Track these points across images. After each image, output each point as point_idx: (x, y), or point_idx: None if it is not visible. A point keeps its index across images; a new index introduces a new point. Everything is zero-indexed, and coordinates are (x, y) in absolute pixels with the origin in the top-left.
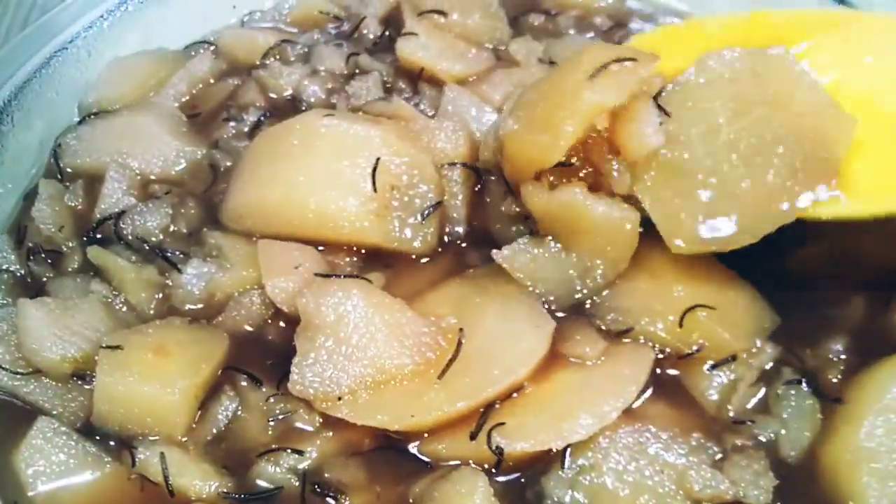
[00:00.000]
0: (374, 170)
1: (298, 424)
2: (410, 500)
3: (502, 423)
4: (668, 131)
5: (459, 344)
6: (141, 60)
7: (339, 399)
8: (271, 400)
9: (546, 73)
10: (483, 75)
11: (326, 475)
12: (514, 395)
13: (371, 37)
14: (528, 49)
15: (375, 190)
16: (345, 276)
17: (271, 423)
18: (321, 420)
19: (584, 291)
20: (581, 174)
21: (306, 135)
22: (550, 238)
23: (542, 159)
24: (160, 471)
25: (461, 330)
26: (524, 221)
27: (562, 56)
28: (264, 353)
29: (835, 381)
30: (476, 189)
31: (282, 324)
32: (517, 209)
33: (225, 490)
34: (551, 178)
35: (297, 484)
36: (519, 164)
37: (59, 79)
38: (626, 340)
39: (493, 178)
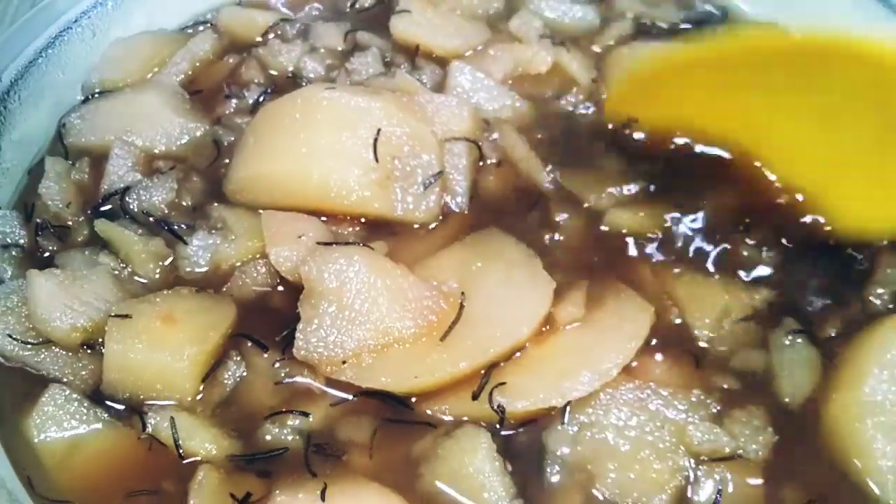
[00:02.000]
0: (376, 140)
1: (304, 387)
2: (413, 458)
3: (503, 383)
4: None
5: (461, 307)
6: (143, 40)
7: (344, 363)
8: (276, 364)
9: (548, 49)
10: (481, 50)
11: (330, 436)
12: (517, 354)
13: (367, 5)
14: (529, 24)
15: (377, 160)
16: (347, 245)
17: (277, 387)
18: (326, 382)
19: None
20: None
21: (307, 107)
22: None
23: None
24: (170, 435)
25: (462, 293)
26: None
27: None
28: (269, 321)
29: (836, 334)
30: (478, 162)
31: (286, 292)
32: None
33: (233, 452)
34: None
35: (301, 444)
36: None
37: (65, 59)
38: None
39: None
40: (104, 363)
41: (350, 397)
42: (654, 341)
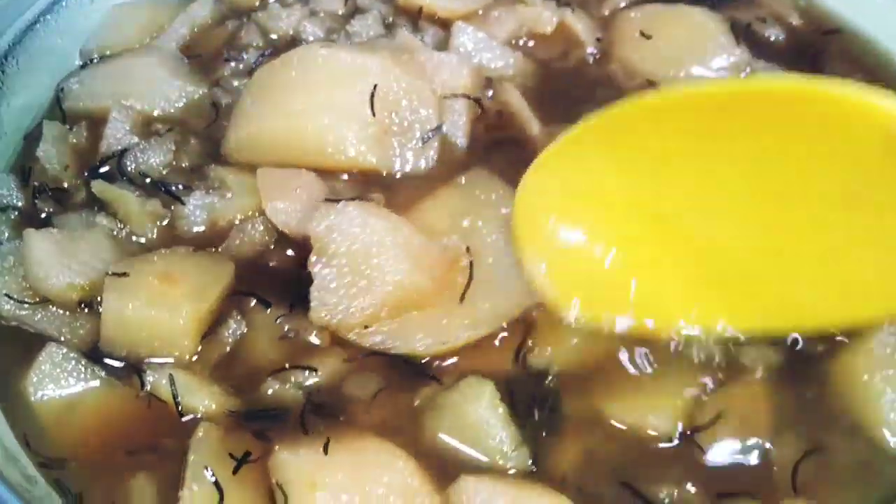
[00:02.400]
0: (373, 95)
1: (307, 344)
2: (415, 412)
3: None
4: None
5: (471, 265)
6: (142, 6)
7: (367, 327)
8: (279, 320)
9: (553, 10)
10: (484, 12)
11: (333, 392)
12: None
13: None
14: None
15: (374, 115)
16: (352, 200)
17: (279, 344)
18: (330, 337)
19: None
20: None
21: (304, 65)
22: None
23: None
24: (169, 392)
25: (468, 249)
26: None
27: None
28: (269, 278)
29: None
30: (477, 119)
31: (284, 248)
32: None
33: (232, 409)
34: None
35: (302, 401)
36: None
37: (63, 24)
38: None
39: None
40: (102, 320)
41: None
42: None
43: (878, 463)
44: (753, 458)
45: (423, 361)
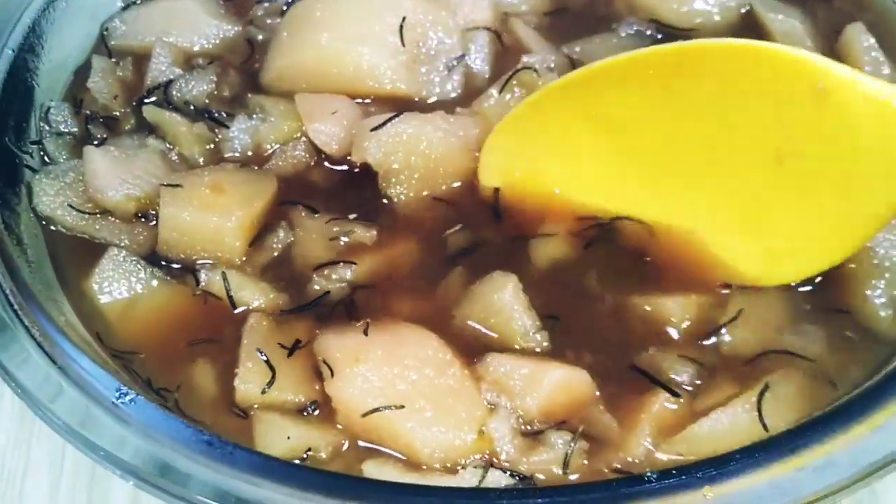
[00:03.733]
0: (402, 27)
1: (355, 243)
2: (446, 303)
3: None
4: None
5: None
6: None
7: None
8: (328, 223)
9: None
10: None
11: (373, 284)
12: None
13: None
14: None
15: (404, 45)
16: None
17: (329, 245)
18: (376, 235)
19: None
20: None
21: (336, 1)
22: None
23: None
24: (222, 288)
25: None
26: None
27: None
28: (311, 192)
29: None
30: (498, 49)
31: (324, 166)
32: None
33: (280, 303)
34: None
35: (345, 292)
36: None
37: None
38: None
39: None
40: (160, 224)
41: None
42: None
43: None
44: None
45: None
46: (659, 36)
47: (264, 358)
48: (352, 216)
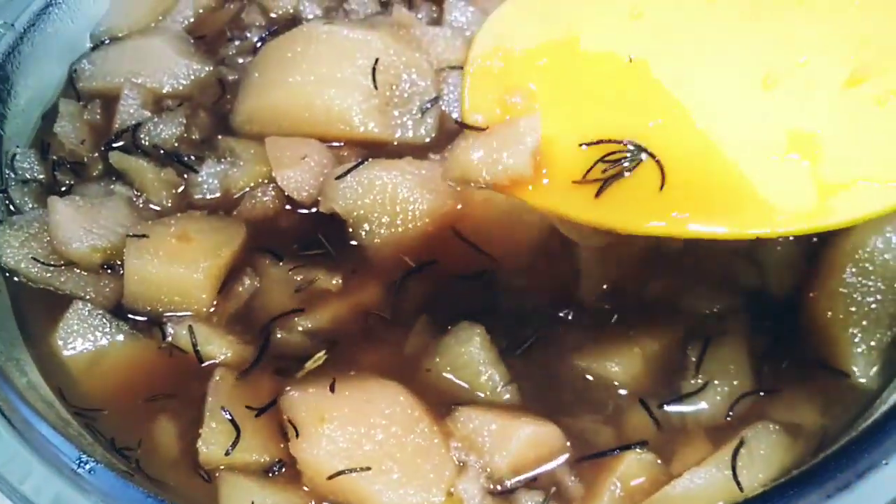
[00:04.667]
0: (374, 69)
1: (320, 291)
2: (414, 356)
3: None
4: None
5: None
6: None
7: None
8: (291, 272)
9: None
10: None
11: (338, 335)
12: None
13: None
14: None
15: (376, 87)
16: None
17: (293, 295)
18: (342, 282)
19: None
20: None
21: (308, 41)
22: None
23: None
24: (188, 342)
25: None
26: None
27: None
28: (279, 238)
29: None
30: None
31: (292, 212)
32: None
33: (246, 356)
34: None
35: (308, 344)
36: None
37: (74, 8)
38: None
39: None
40: (125, 277)
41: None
42: None
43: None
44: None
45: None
46: None
47: (229, 417)
48: (317, 263)
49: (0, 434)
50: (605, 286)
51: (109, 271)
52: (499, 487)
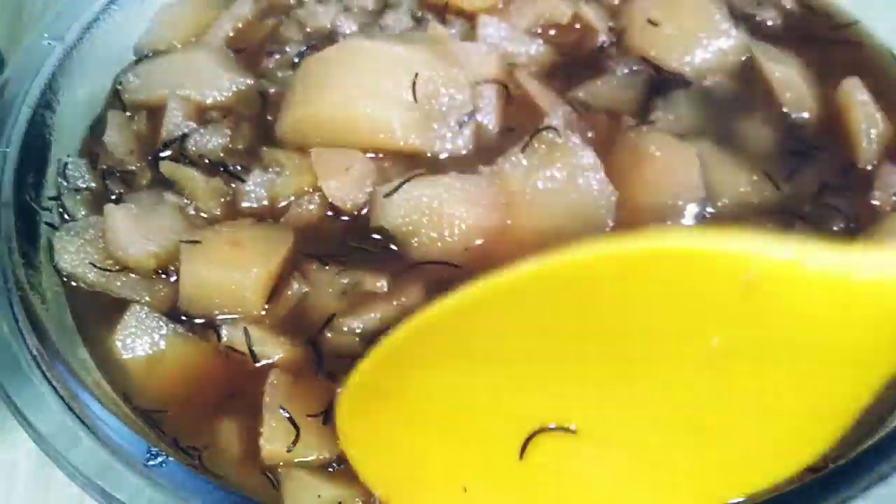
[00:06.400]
0: (414, 83)
1: (366, 294)
2: None
3: None
4: None
5: None
6: (189, 5)
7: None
8: (338, 275)
9: (567, 2)
10: (504, 5)
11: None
12: None
13: None
14: None
15: (416, 101)
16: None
17: (341, 297)
18: (388, 285)
19: None
20: None
21: (351, 56)
22: None
23: None
24: (244, 343)
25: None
26: None
27: None
28: (325, 245)
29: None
30: (506, 103)
31: (337, 219)
32: None
33: (298, 358)
34: None
35: (358, 344)
36: None
37: (119, 22)
38: None
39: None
40: (181, 281)
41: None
42: None
43: None
44: None
45: None
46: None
47: (287, 415)
48: (362, 265)
49: (78, 435)
50: None
51: (163, 276)
52: None
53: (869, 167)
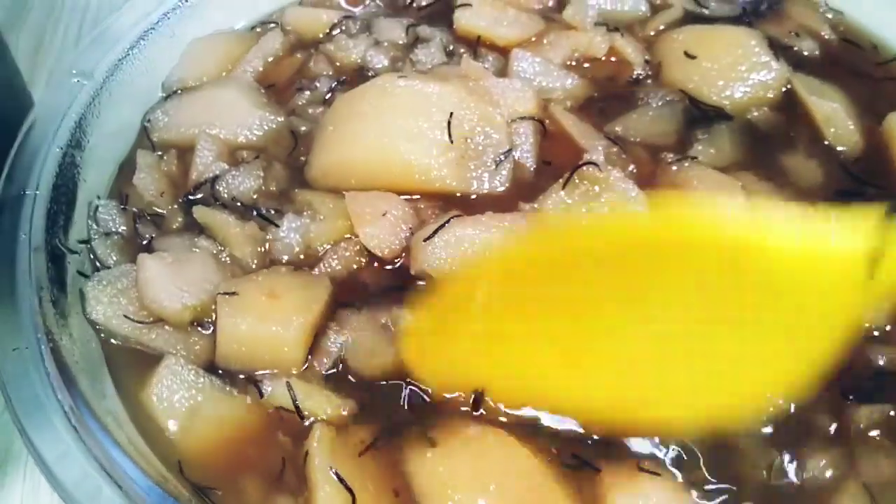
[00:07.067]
0: (449, 123)
1: None
2: None
3: None
4: None
5: None
6: (218, 40)
7: None
8: (375, 314)
9: (603, 35)
10: (537, 40)
11: None
12: None
13: (423, 3)
14: (583, 13)
15: (452, 141)
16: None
17: (382, 341)
18: None
19: None
20: None
21: (383, 95)
22: None
23: None
24: (287, 399)
25: None
26: None
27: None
28: (362, 292)
29: None
30: (542, 139)
31: (374, 266)
32: None
33: (346, 410)
34: None
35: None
36: None
37: (148, 58)
38: None
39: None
40: (218, 336)
41: None
42: None
43: None
44: None
45: None
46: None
47: (339, 477)
48: (398, 302)
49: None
50: None
51: (199, 328)
52: None
53: None
